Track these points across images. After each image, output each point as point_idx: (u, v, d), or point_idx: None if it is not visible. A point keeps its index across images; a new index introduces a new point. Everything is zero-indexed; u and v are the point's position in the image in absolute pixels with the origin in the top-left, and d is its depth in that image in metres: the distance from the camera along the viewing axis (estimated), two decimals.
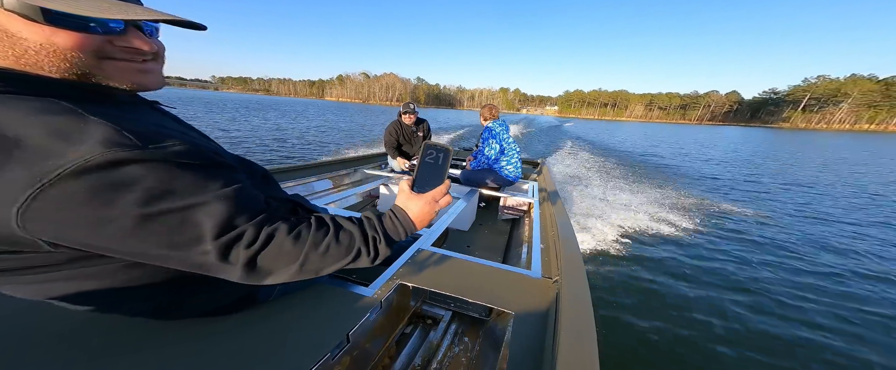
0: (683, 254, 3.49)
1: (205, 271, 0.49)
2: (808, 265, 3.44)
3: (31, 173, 0.35)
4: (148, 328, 0.67)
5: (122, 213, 0.39)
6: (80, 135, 0.37)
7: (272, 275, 0.53)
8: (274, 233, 0.52)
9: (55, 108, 0.38)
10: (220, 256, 0.47)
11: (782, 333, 2.30)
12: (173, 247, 0.44)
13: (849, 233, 4.64)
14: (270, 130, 13.44)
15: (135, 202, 0.39)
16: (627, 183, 6.67)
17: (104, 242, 0.41)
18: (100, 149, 0.37)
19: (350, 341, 0.74)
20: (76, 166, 0.36)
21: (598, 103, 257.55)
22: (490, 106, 2.82)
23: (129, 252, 0.43)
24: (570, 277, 0.98)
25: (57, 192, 0.36)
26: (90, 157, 0.36)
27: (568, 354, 0.65)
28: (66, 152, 0.36)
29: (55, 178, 0.35)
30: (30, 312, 0.70)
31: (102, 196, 0.38)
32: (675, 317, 2.41)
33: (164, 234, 0.43)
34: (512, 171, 2.71)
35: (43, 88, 0.40)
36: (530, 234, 1.77)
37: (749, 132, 62.17)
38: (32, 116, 0.36)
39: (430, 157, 0.75)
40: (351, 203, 2.69)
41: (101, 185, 0.37)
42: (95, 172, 0.37)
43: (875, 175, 10.91)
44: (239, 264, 0.49)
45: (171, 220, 0.42)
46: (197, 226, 0.44)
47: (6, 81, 0.38)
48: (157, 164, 0.41)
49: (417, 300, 1.12)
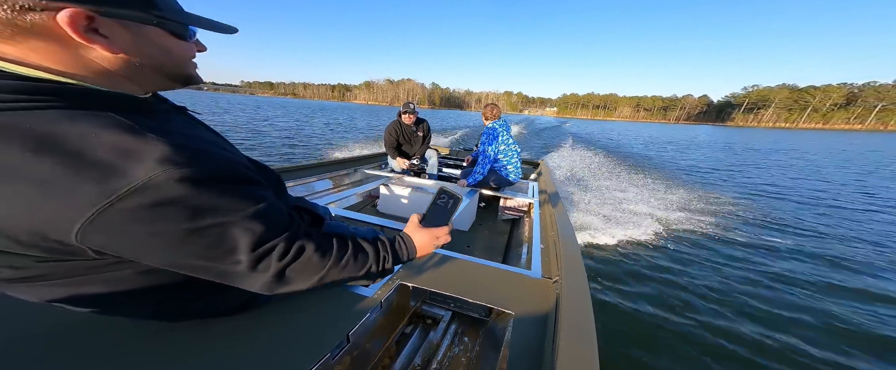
0: (683, 254, 3.49)
1: (229, 280, 0.51)
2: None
3: (101, 190, 0.36)
4: (149, 329, 0.67)
5: (172, 228, 0.42)
6: (141, 152, 0.39)
7: (292, 285, 0.56)
8: (304, 248, 0.56)
9: (114, 122, 0.40)
10: (251, 267, 0.50)
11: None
12: (209, 259, 0.47)
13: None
14: (348, 123, 21.26)
15: (184, 218, 0.42)
16: (623, 181, 6.75)
17: (147, 253, 0.43)
18: (159, 168, 0.39)
19: (350, 341, 0.74)
20: (140, 184, 0.38)
21: (591, 105, 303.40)
22: (492, 105, 2.82)
23: (166, 262, 0.46)
24: (570, 277, 0.98)
25: (120, 208, 0.38)
26: (153, 176, 0.38)
27: (568, 354, 0.65)
28: (131, 170, 0.38)
29: (124, 194, 0.37)
30: (31, 313, 0.70)
31: (158, 212, 0.40)
32: (676, 317, 2.41)
33: (203, 247, 0.45)
34: (512, 172, 2.71)
35: (95, 101, 0.41)
36: (530, 235, 1.77)
37: (708, 129, 79.21)
38: (96, 132, 0.38)
39: (442, 201, 0.86)
40: (351, 203, 2.68)
41: (159, 202, 0.39)
42: (154, 190, 0.39)
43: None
44: (269, 274, 0.52)
45: (212, 234, 0.45)
46: (235, 239, 0.47)
47: (56, 95, 0.38)
48: (204, 182, 0.43)
49: (417, 300, 1.12)
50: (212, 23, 0.50)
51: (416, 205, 2.51)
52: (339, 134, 14.60)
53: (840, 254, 3.76)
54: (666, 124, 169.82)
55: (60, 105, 0.38)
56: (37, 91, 0.37)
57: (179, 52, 0.49)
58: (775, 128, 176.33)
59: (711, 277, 3.02)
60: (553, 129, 28.55)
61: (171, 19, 0.45)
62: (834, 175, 10.38)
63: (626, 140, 21.55)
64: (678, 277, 2.98)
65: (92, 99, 0.41)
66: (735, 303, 2.64)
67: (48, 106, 0.37)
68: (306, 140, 11.69)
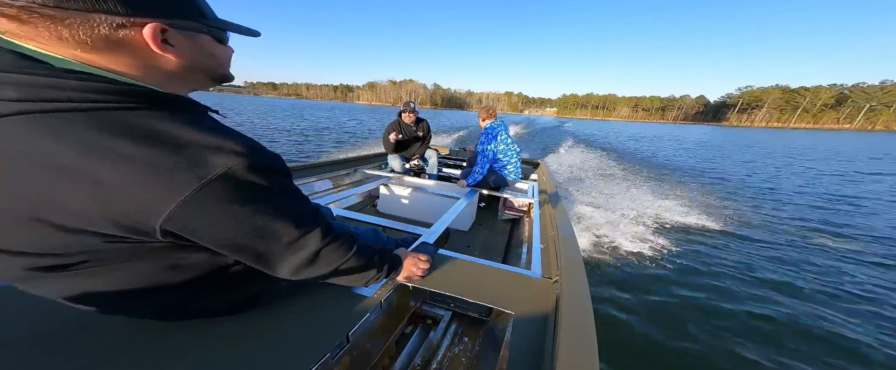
0: (683, 253, 3.49)
1: (264, 261, 0.57)
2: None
3: (193, 175, 0.43)
4: (149, 329, 0.67)
5: (242, 210, 0.49)
6: (219, 146, 0.46)
7: (317, 269, 0.63)
8: (336, 234, 0.65)
9: (191, 120, 0.47)
10: (293, 244, 0.57)
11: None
12: (263, 237, 0.53)
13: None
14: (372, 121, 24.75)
15: (253, 200, 0.49)
16: (620, 181, 6.86)
17: (217, 232, 0.49)
18: (236, 158, 0.46)
19: (350, 341, 0.74)
20: (222, 172, 0.45)
21: (590, 105, 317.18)
22: (488, 107, 2.84)
23: (226, 241, 0.51)
24: (570, 277, 0.98)
25: (206, 192, 0.44)
26: (231, 165, 0.45)
27: (567, 354, 0.65)
28: (214, 161, 0.45)
29: (212, 179, 0.44)
30: (31, 314, 0.70)
31: (232, 196, 0.47)
32: (676, 316, 2.41)
33: (261, 226, 0.52)
34: (512, 172, 2.71)
35: (172, 103, 0.48)
36: (530, 234, 1.77)
37: (703, 129, 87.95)
38: (182, 129, 0.45)
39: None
40: (351, 203, 2.68)
41: (234, 187, 0.46)
42: (232, 177, 0.46)
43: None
44: (306, 252, 0.59)
45: (271, 214, 0.52)
46: (288, 219, 0.55)
47: (144, 97, 0.45)
48: (264, 170, 0.50)
49: (417, 300, 1.12)
50: (239, 27, 0.57)
51: (415, 204, 2.51)
52: (371, 128, 19.03)
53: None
54: (664, 124, 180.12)
55: (146, 106, 0.45)
56: (132, 93, 0.44)
57: (222, 56, 0.56)
58: (767, 127, 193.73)
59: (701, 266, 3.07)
60: (553, 130, 28.67)
61: (216, 27, 0.52)
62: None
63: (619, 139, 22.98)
64: (675, 275, 3.02)
65: (169, 101, 0.48)
66: (727, 290, 2.70)
67: (138, 107, 0.44)
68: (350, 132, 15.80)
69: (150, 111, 0.44)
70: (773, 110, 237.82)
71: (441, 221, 1.57)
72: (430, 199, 2.45)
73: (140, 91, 0.44)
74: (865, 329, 2.38)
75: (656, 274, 3.03)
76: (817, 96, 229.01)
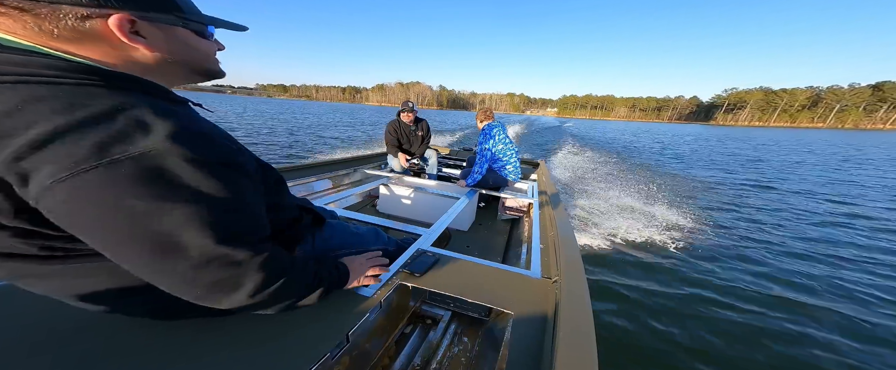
0: (683, 251, 3.50)
1: (162, 279, 0.47)
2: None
3: (97, 149, 0.38)
4: (147, 328, 0.67)
5: (135, 204, 0.41)
6: (159, 126, 0.42)
7: (232, 300, 0.53)
8: (272, 259, 0.55)
9: (139, 101, 0.44)
10: (204, 268, 0.47)
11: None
12: (160, 248, 0.44)
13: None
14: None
15: (160, 196, 0.42)
16: (619, 180, 6.91)
17: (91, 224, 0.42)
18: (166, 143, 0.42)
19: (350, 341, 0.74)
20: (140, 152, 0.40)
21: (590, 106, 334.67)
22: (485, 109, 2.85)
23: (105, 240, 0.43)
24: (570, 278, 0.98)
25: (102, 173, 0.39)
26: (155, 148, 0.41)
27: (567, 354, 0.65)
28: (139, 139, 0.41)
29: (123, 158, 0.39)
30: (31, 314, 0.70)
31: (137, 185, 0.41)
32: (677, 316, 2.41)
33: (162, 232, 0.43)
34: (511, 172, 2.71)
35: (132, 84, 0.46)
36: (530, 235, 1.77)
37: (694, 128, 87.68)
38: (132, 106, 0.42)
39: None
40: (351, 203, 2.69)
41: (145, 175, 0.41)
42: (150, 163, 0.41)
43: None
44: (218, 277, 0.49)
45: (180, 220, 0.43)
46: (205, 230, 0.45)
47: (101, 77, 0.43)
48: (198, 163, 0.45)
49: (417, 300, 1.12)
50: (225, 22, 0.58)
51: (415, 204, 2.51)
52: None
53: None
54: (660, 123, 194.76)
55: (102, 84, 0.43)
56: (87, 70, 0.42)
57: (204, 49, 0.56)
58: (750, 126, 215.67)
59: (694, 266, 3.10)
60: (554, 130, 28.68)
61: (193, 20, 0.52)
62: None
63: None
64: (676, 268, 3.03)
65: (130, 83, 0.46)
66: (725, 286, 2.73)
67: (93, 84, 0.42)
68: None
69: (100, 89, 0.42)
70: (755, 110, 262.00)
71: (441, 221, 1.57)
72: (430, 199, 2.45)
73: (92, 69, 0.43)
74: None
75: (656, 273, 3.03)
76: (794, 98, 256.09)
